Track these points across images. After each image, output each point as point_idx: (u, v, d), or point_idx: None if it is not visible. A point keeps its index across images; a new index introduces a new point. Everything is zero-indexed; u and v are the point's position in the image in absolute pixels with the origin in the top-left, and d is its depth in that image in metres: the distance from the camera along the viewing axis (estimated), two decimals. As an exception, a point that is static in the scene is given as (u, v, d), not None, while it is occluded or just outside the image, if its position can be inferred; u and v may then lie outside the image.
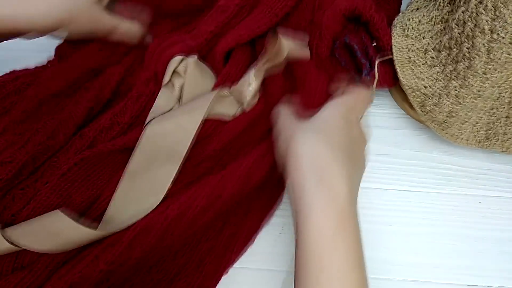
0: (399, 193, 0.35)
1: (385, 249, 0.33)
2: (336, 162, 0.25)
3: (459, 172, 0.36)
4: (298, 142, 0.26)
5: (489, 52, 0.28)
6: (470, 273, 0.32)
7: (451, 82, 0.32)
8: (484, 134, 0.34)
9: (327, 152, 0.26)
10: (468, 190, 0.35)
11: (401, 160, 0.36)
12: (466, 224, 0.34)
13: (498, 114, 0.33)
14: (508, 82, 0.31)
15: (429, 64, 0.33)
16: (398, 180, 0.35)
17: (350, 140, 0.28)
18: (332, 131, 0.27)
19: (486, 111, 0.33)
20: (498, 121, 0.33)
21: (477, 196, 0.35)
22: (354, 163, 0.27)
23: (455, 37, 0.31)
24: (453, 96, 0.32)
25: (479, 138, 0.34)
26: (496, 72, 0.29)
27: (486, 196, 0.35)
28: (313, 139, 0.26)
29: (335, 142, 0.26)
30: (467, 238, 0.33)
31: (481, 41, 0.29)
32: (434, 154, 0.37)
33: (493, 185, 0.35)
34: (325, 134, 0.27)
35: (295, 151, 0.26)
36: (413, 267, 0.32)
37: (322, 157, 0.25)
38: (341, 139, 0.27)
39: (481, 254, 0.33)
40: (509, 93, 0.32)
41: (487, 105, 0.32)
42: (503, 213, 0.34)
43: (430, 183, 0.35)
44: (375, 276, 0.32)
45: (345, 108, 0.29)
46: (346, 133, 0.28)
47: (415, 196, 0.35)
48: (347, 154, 0.26)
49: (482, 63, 0.29)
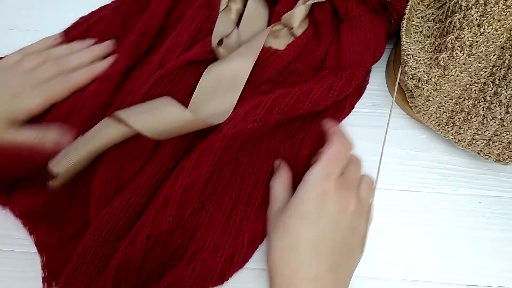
0: (399, 193, 0.35)
1: (385, 249, 0.33)
2: (308, 269, 0.25)
3: (459, 172, 0.36)
4: (275, 239, 0.26)
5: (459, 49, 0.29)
6: (470, 273, 0.32)
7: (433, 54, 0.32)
8: (445, 120, 0.34)
9: (297, 253, 0.25)
10: (468, 190, 0.35)
11: (401, 160, 0.36)
12: (466, 224, 0.34)
13: (462, 105, 0.33)
14: (479, 76, 0.31)
15: (424, 33, 0.34)
16: (398, 180, 0.35)
17: (334, 223, 0.26)
18: (306, 219, 0.26)
19: (454, 98, 0.33)
20: (460, 113, 0.33)
21: (477, 196, 0.35)
22: (340, 255, 0.26)
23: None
24: (425, 67, 0.32)
25: (440, 121, 0.34)
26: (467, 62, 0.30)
27: (486, 196, 0.35)
28: (286, 235, 0.26)
29: (310, 235, 0.25)
30: (467, 238, 0.33)
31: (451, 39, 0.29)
32: (434, 154, 0.37)
33: (493, 185, 0.35)
34: (298, 227, 0.26)
35: (271, 249, 0.26)
36: (413, 267, 0.32)
37: (292, 261, 0.25)
38: (319, 226, 0.25)
39: (481, 254, 0.33)
40: (477, 89, 0.32)
41: (455, 91, 0.32)
42: (503, 213, 0.34)
43: (430, 183, 0.35)
44: (375, 276, 0.32)
45: (321, 180, 0.26)
46: (328, 215, 0.26)
47: (415, 196, 0.35)
48: (329, 246, 0.25)
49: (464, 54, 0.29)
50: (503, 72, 0.30)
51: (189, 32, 0.36)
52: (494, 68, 0.31)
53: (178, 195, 0.28)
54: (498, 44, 0.29)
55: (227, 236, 0.30)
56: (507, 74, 0.30)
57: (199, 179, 0.29)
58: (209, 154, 0.29)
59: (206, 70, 0.34)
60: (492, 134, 0.32)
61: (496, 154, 0.33)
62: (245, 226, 0.31)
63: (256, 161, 0.33)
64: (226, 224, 0.31)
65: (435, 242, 0.33)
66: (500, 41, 0.29)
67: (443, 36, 0.31)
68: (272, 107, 0.31)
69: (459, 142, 0.34)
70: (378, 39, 0.37)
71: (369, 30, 0.36)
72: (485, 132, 0.32)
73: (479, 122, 0.32)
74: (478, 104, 0.32)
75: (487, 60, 0.30)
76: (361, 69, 0.35)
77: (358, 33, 0.37)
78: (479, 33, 0.28)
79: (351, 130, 0.37)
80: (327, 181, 0.26)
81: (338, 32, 0.38)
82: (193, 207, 0.30)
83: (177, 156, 0.32)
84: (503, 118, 0.31)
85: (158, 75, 0.33)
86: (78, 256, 0.27)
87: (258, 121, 0.30)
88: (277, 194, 0.30)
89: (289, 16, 0.36)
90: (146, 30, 0.35)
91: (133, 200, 0.29)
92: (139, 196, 0.29)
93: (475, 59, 0.29)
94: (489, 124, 0.32)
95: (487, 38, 0.28)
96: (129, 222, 0.29)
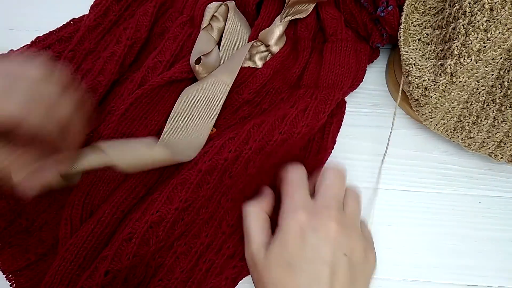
0: (399, 193, 0.35)
1: (385, 249, 0.33)
2: None
3: (459, 172, 0.36)
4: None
5: (466, 54, 0.29)
6: (470, 273, 0.32)
7: (437, 61, 0.32)
8: (453, 125, 0.34)
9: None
10: (468, 190, 0.35)
11: (401, 160, 0.36)
12: (466, 224, 0.34)
13: (471, 109, 0.33)
14: (486, 79, 0.31)
15: (423, 40, 0.34)
16: (398, 180, 0.35)
17: (321, 256, 0.24)
18: (291, 267, 0.24)
19: (461, 103, 0.33)
20: (468, 117, 0.33)
21: (477, 196, 0.35)
22: (345, 276, 0.24)
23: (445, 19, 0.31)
24: (431, 75, 0.32)
25: (448, 127, 0.34)
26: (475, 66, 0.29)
27: (486, 196, 0.35)
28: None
29: (302, 282, 0.23)
30: (467, 238, 0.33)
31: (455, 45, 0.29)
32: (434, 154, 0.37)
33: (493, 185, 0.35)
34: (289, 279, 0.24)
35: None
36: (413, 267, 0.32)
37: None
38: (308, 268, 0.24)
39: (481, 254, 0.33)
40: (485, 93, 0.32)
41: (462, 97, 0.32)
42: (503, 213, 0.34)
43: (430, 183, 0.35)
44: (375, 276, 0.32)
45: (291, 219, 0.25)
46: (311, 250, 0.24)
47: (415, 196, 0.35)
48: (327, 276, 0.23)
49: (471, 59, 0.29)
50: (511, 74, 0.30)
51: (171, 51, 0.35)
52: (502, 71, 0.31)
53: (142, 231, 0.28)
54: (505, 48, 0.29)
55: (188, 286, 0.29)
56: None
57: (167, 216, 0.28)
58: (182, 189, 0.29)
59: (182, 93, 0.34)
60: (503, 135, 0.32)
61: (509, 155, 0.33)
62: (209, 278, 0.30)
63: (239, 209, 0.31)
64: (191, 272, 0.30)
65: (435, 242, 0.33)
66: (507, 44, 0.29)
67: (445, 42, 0.31)
68: (247, 138, 0.30)
69: (469, 146, 0.34)
70: (359, 68, 0.36)
71: (352, 56, 0.36)
72: (496, 134, 0.32)
73: (490, 125, 0.32)
74: (487, 107, 0.32)
75: (493, 63, 0.30)
76: (338, 91, 0.34)
77: (341, 56, 0.36)
78: (486, 38, 0.28)
79: (351, 130, 0.37)
80: (296, 216, 0.25)
81: (320, 51, 0.37)
82: (159, 245, 0.29)
83: (148, 183, 0.31)
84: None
85: (136, 95, 0.32)
86: (45, 285, 0.27)
87: (233, 152, 0.30)
88: (252, 232, 0.27)
89: (266, 33, 0.36)
90: (132, 42, 0.35)
91: (97, 230, 0.29)
92: (103, 226, 0.29)
93: (482, 64, 0.29)
94: (500, 125, 0.32)
95: (494, 42, 0.28)
96: (94, 252, 0.28)
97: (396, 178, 0.35)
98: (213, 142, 0.31)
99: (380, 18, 0.34)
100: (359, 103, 0.38)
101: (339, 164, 0.29)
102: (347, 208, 0.27)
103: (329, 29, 0.37)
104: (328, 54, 0.36)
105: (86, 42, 0.35)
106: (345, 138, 0.37)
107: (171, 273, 0.29)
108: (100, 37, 0.36)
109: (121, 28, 0.35)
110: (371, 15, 0.36)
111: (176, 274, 0.29)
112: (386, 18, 0.34)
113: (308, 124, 0.32)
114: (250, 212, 0.28)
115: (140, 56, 0.36)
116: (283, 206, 0.26)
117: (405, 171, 0.36)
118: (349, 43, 0.36)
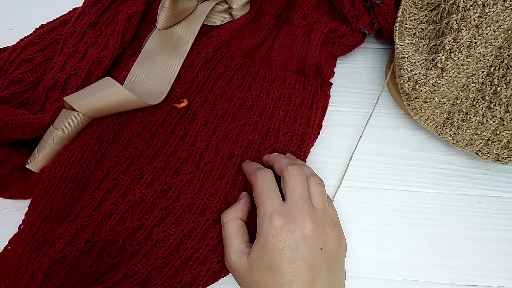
0: (399, 193, 0.35)
1: (385, 249, 0.33)
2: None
3: (459, 172, 0.36)
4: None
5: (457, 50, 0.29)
6: (470, 273, 0.32)
7: (429, 56, 0.32)
8: (443, 121, 0.34)
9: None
10: (468, 190, 0.35)
11: (401, 160, 0.36)
12: (466, 224, 0.34)
13: (460, 106, 0.33)
14: (476, 76, 0.31)
15: (418, 35, 0.34)
16: (398, 180, 0.35)
17: (299, 255, 0.25)
18: (272, 269, 0.25)
19: (451, 99, 0.33)
20: (458, 114, 0.33)
21: (477, 196, 0.35)
22: (321, 268, 0.26)
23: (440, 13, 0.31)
24: (422, 68, 0.32)
25: (437, 123, 0.34)
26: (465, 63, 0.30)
27: (486, 196, 0.35)
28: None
29: (283, 279, 0.25)
30: (467, 238, 0.33)
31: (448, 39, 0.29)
32: (434, 154, 0.37)
33: (493, 185, 0.35)
34: (271, 280, 0.25)
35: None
36: (413, 267, 0.32)
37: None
38: (289, 268, 0.25)
39: (481, 254, 0.33)
40: (475, 90, 0.32)
41: (452, 93, 0.32)
42: (503, 213, 0.34)
43: (430, 183, 0.35)
44: (375, 276, 0.32)
45: (267, 225, 0.26)
46: (290, 251, 0.25)
47: (415, 196, 0.35)
48: (305, 271, 0.25)
49: (462, 55, 0.30)
50: (502, 71, 0.31)
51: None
52: (492, 68, 0.31)
53: (124, 209, 0.29)
54: (496, 45, 0.29)
55: (164, 272, 0.28)
56: (506, 74, 0.30)
57: (147, 196, 0.30)
58: (162, 174, 0.31)
59: (153, 33, 0.35)
60: (491, 133, 0.32)
61: (495, 154, 0.33)
62: (189, 267, 0.29)
63: (221, 196, 0.32)
64: (168, 259, 0.29)
65: (435, 242, 0.33)
66: (497, 41, 0.29)
67: (438, 37, 0.31)
68: (215, 127, 0.34)
69: (457, 143, 0.34)
70: (327, 60, 0.38)
71: (304, 43, 0.38)
72: (484, 131, 0.32)
73: (479, 122, 0.32)
74: (476, 104, 0.32)
75: (484, 60, 0.30)
76: (287, 72, 0.37)
77: (293, 41, 0.38)
78: (477, 34, 0.28)
79: (351, 130, 0.37)
80: (272, 222, 0.26)
81: (279, 30, 0.39)
82: (135, 224, 0.29)
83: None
84: (503, 117, 0.31)
85: None
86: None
87: (205, 141, 0.33)
88: (229, 240, 0.28)
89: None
90: (130, 16, 0.36)
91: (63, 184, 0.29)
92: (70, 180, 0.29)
93: (473, 60, 0.30)
94: (488, 123, 0.32)
95: (485, 39, 0.28)
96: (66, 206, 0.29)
97: (396, 178, 0.35)
98: (187, 131, 0.33)
99: (375, 6, 0.34)
100: (359, 103, 0.38)
101: (295, 160, 0.31)
102: (315, 203, 0.28)
103: (295, 13, 0.38)
104: (282, 37, 0.38)
105: (86, 17, 0.36)
106: (345, 138, 0.37)
107: (146, 260, 0.28)
108: (100, 12, 0.36)
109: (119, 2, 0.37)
110: (365, 1, 0.36)
111: (151, 260, 0.28)
112: (380, 8, 0.34)
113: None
114: (227, 222, 0.29)
115: (142, 28, 0.38)
116: (259, 214, 0.28)
117: (405, 171, 0.36)
118: (315, 34, 0.38)
